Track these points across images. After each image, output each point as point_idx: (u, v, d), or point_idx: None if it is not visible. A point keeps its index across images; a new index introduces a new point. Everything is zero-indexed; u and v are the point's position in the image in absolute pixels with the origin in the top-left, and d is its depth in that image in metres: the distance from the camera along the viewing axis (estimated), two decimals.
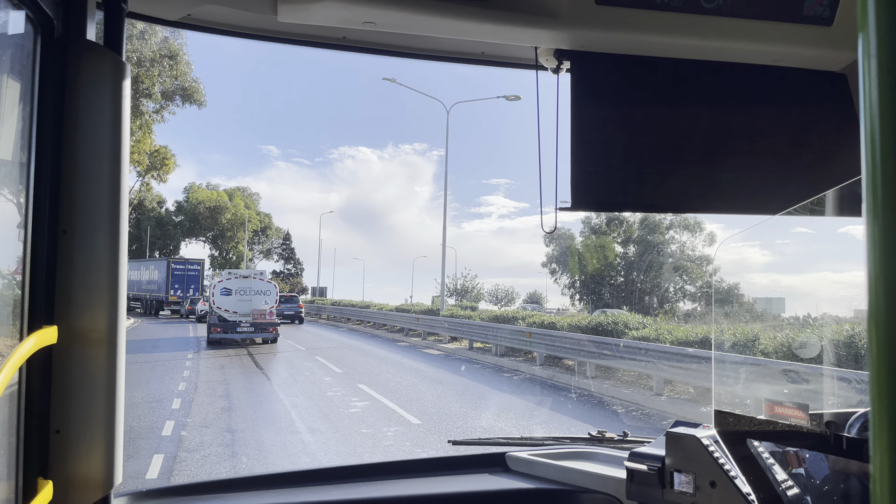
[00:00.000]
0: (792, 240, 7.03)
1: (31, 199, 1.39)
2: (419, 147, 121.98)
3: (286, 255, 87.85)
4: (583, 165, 1.89)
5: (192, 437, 10.45)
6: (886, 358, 0.42)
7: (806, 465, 1.83)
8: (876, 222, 0.42)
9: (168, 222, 78.60)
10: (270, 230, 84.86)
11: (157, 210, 78.68)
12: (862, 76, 0.44)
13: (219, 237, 79.46)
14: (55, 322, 1.39)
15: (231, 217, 77.95)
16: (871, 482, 0.43)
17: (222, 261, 78.20)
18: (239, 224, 78.22)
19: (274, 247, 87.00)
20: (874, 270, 0.42)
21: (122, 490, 1.95)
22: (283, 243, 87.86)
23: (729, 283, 4.77)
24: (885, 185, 0.42)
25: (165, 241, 77.86)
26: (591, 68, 1.95)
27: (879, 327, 0.42)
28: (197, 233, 79.28)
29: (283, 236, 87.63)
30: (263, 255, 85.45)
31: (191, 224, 78.53)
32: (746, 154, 2.04)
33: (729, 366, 2.87)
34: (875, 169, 0.43)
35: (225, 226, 78.10)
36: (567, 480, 2.39)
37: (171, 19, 1.80)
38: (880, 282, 0.42)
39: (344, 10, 1.72)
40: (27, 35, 1.38)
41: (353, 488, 2.32)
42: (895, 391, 0.41)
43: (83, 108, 1.44)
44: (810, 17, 1.92)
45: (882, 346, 0.42)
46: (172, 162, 64.89)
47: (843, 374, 2.33)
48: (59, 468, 1.39)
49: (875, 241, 0.42)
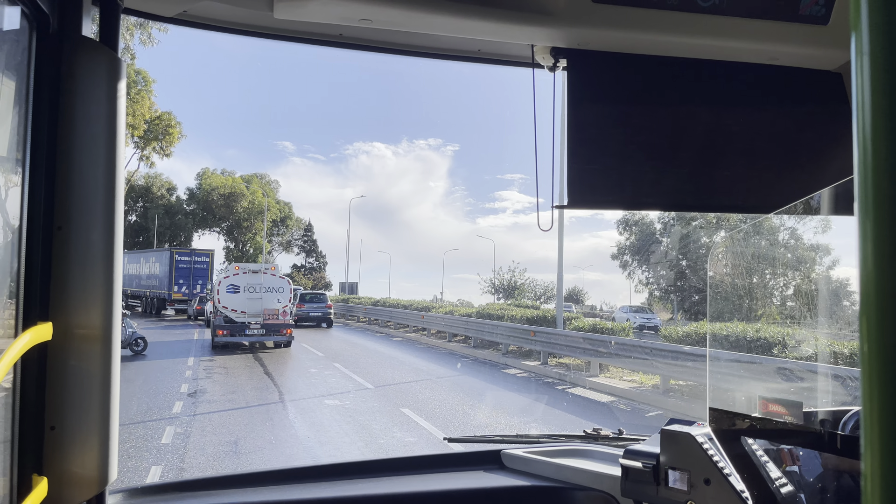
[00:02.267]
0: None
1: (26, 195, 1.51)
2: (433, 142, 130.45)
3: (308, 248, 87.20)
4: (579, 163, 2.03)
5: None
6: (878, 355, 0.45)
7: (800, 462, 1.96)
8: (868, 220, 0.46)
9: (179, 211, 77.45)
10: (290, 220, 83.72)
11: (167, 197, 77.66)
12: (855, 75, 0.47)
13: (234, 228, 78.16)
14: (50, 318, 1.52)
15: (248, 205, 76.57)
16: (862, 480, 0.46)
17: (238, 253, 77.15)
18: (257, 213, 76.87)
19: (294, 238, 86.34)
20: (866, 268, 0.46)
21: (116, 487, 2.10)
22: (304, 235, 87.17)
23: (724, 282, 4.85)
24: (877, 183, 0.46)
25: (175, 231, 76.37)
26: (587, 66, 2.08)
27: (871, 324, 0.45)
28: (211, 223, 78.03)
29: (304, 227, 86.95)
30: (283, 247, 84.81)
31: (204, 213, 77.37)
32: (742, 152, 2.18)
33: (724, 363, 2.97)
34: (867, 167, 0.46)
35: (241, 215, 76.78)
36: (562, 478, 2.55)
37: (167, 15, 1.94)
38: (872, 279, 0.45)
39: (340, 7, 1.85)
40: (23, 31, 1.51)
41: (349, 485, 2.47)
42: (886, 388, 0.45)
43: (79, 105, 1.56)
44: (806, 16, 2.05)
45: (874, 344, 0.45)
46: (177, 131, 60.04)
47: (837, 371, 2.44)
48: (53, 464, 1.52)
49: (867, 239, 0.46)
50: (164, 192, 77.87)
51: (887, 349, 0.45)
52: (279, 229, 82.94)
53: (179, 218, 77.02)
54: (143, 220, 76.20)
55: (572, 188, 2.02)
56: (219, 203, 76.49)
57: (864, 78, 0.47)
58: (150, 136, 59.20)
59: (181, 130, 61.18)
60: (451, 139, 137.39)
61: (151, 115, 57.36)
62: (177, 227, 76.66)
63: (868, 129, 0.46)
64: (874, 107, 0.46)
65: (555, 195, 2.07)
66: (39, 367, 1.51)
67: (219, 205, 76.49)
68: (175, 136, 60.28)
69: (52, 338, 1.52)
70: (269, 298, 27.18)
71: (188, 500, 2.27)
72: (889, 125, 0.46)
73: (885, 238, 0.45)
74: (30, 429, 1.50)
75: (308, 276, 79.10)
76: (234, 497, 2.32)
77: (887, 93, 0.46)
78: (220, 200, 76.44)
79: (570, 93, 2.06)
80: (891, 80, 0.46)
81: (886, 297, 0.45)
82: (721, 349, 9.15)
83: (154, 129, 59.22)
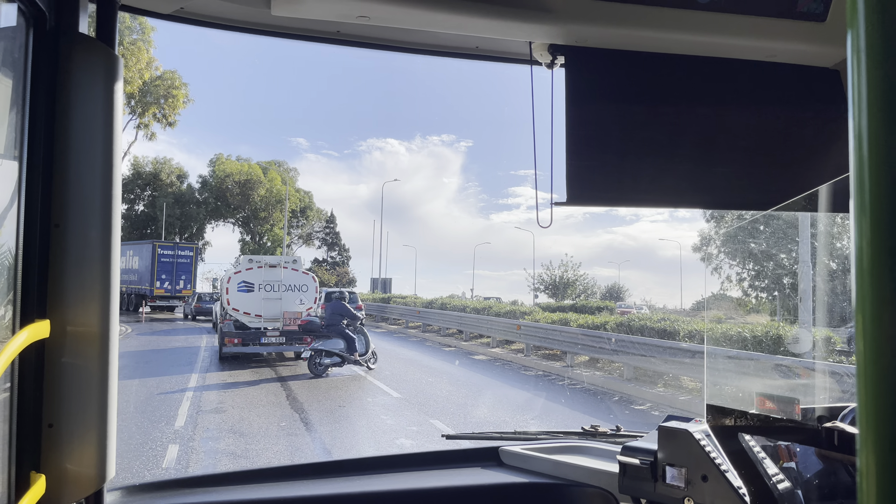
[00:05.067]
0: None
1: (23, 192, 1.67)
2: (447, 138, 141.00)
3: (330, 241, 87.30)
4: (578, 160, 2.21)
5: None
6: (873, 351, 0.50)
7: (797, 459, 2.15)
8: (864, 217, 0.50)
9: (190, 200, 76.71)
10: (311, 211, 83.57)
11: (177, 185, 76.75)
12: (851, 72, 0.52)
13: (251, 218, 77.67)
14: (47, 316, 1.68)
15: (265, 194, 76.03)
16: (857, 476, 0.51)
17: (255, 246, 76.35)
18: (275, 202, 76.34)
19: (315, 231, 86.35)
20: (861, 265, 0.51)
21: (115, 484, 2.29)
22: (325, 226, 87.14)
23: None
24: (873, 180, 0.50)
25: (186, 222, 75.92)
26: (584, 63, 2.25)
27: (867, 322, 0.50)
28: (225, 213, 77.51)
29: (325, 219, 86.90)
30: (303, 240, 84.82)
31: (217, 202, 76.61)
32: (740, 149, 2.35)
33: (720, 360, 3.11)
34: (862, 164, 0.51)
35: (258, 204, 76.10)
36: (560, 474, 2.76)
37: (164, 12, 2.12)
38: (868, 276, 0.50)
39: (338, 4, 2.01)
40: (19, 28, 1.68)
41: (347, 482, 2.69)
42: (882, 385, 0.49)
43: (75, 102, 1.73)
44: (804, 13, 2.20)
45: (869, 340, 0.50)
46: (182, 94, 55.33)
47: (834, 368, 2.58)
48: (51, 462, 1.68)
49: (862, 236, 0.51)
50: (175, 180, 77.31)
51: (883, 346, 0.49)
52: (299, 221, 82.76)
53: (191, 207, 76.39)
54: (150, 209, 75.47)
55: (571, 185, 2.20)
56: (234, 191, 75.78)
57: (860, 75, 0.51)
58: (148, 99, 54.27)
59: (187, 93, 57.30)
60: (465, 135, 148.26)
61: (150, 72, 52.18)
62: (187, 218, 76.08)
63: (864, 126, 0.51)
64: (870, 104, 0.51)
65: (554, 192, 2.23)
66: (37, 364, 1.67)
67: (234, 193, 75.83)
68: (179, 99, 56.48)
69: (50, 335, 1.67)
70: (290, 299, 24.19)
71: (187, 497, 2.46)
72: (884, 122, 0.50)
73: (881, 235, 0.50)
74: (27, 426, 1.66)
75: (331, 270, 78.57)
76: (233, 494, 2.51)
77: (883, 90, 0.50)
78: (236, 188, 75.69)
79: (568, 90, 2.23)
80: (886, 78, 0.50)
81: (882, 294, 0.50)
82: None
83: (154, 92, 54.45)
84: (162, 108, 56.39)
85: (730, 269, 52.78)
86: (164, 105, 56.09)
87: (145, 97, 54.60)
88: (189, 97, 56.62)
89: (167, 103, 56.07)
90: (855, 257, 0.51)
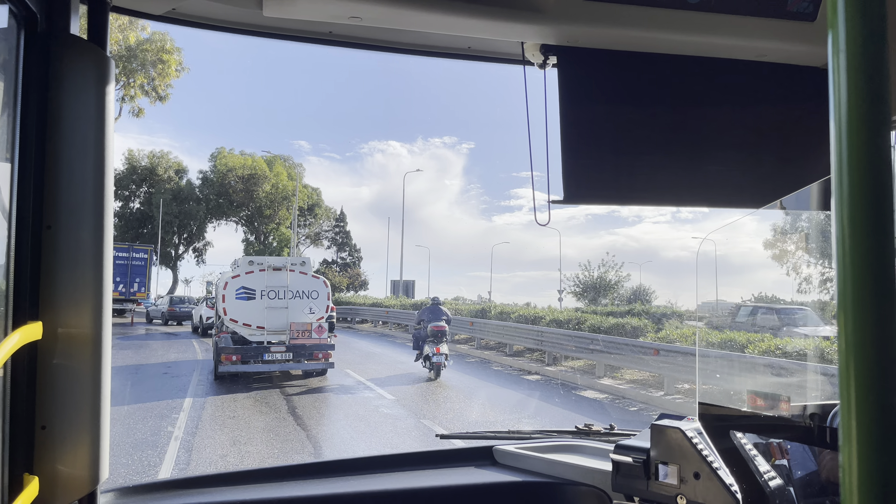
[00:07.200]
0: None
1: (14, 194, 1.79)
2: (448, 140, 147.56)
3: (340, 241, 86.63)
4: (573, 159, 2.37)
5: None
6: (854, 349, 0.54)
7: (789, 456, 2.32)
8: (844, 215, 0.55)
9: (189, 196, 75.70)
10: (319, 209, 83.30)
11: (175, 180, 75.72)
12: (831, 72, 0.57)
13: (255, 216, 76.84)
14: (40, 318, 1.79)
15: (271, 189, 75.19)
16: (840, 471, 0.55)
17: (260, 247, 75.17)
18: (281, 199, 75.35)
19: (324, 230, 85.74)
20: (843, 263, 0.55)
21: (108, 486, 2.41)
22: (335, 225, 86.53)
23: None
24: (851, 179, 0.55)
25: (185, 220, 75.57)
26: (576, 63, 2.40)
27: (848, 319, 0.54)
28: (227, 211, 76.78)
29: (335, 217, 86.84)
30: (311, 239, 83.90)
31: (219, 199, 75.47)
32: (732, 148, 2.51)
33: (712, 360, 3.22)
34: (842, 163, 0.55)
35: (263, 202, 75.14)
36: (553, 473, 2.94)
37: (156, 14, 2.25)
38: (849, 274, 0.54)
39: (330, 4, 2.15)
40: (10, 30, 1.79)
41: (341, 482, 2.85)
42: (863, 382, 0.53)
43: (67, 103, 1.85)
44: (793, 13, 2.35)
45: (850, 338, 0.54)
46: (175, 60, 49.19)
47: (824, 367, 2.73)
48: (44, 464, 1.79)
49: (843, 235, 0.55)
50: (172, 175, 76.51)
51: (864, 344, 0.53)
52: (306, 219, 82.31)
53: (190, 205, 75.14)
54: (146, 207, 74.70)
55: (568, 184, 2.35)
56: (237, 187, 74.80)
57: (840, 75, 0.56)
58: (134, 66, 48.96)
59: (181, 60, 51.44)
60: (466, 137, 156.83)
61: (135, 34, 47.21)
62: (186, 216, 75.36)
63: (844, 126, 0.55)
64: (849, 105, 0.55)
65: (552, 191, 2.37)
66: (29, 366, 1.79)
67: (236, 189, 74.95)
68: (171, 66, 50.10)
69: (42, 337, 1.78)
70: (298, 307, 21.76)
71: (181, 498, 2.59)
72: (863, 123, 0.54)
73: (861, 234, 0.54)
74: (20, 428, 1.77)
75: (342, 273, 77.68)
76: (226, 495, 2.65)
77: (862, 91, 0.55)
78: (239, 184, 74.84)
79: (561, 89, 2.38)
80: (865, 78, 0.55)
81: (863, 293, 0.54)
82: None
83: (141, 57, 49.21)
84: (150, 78, 50.88)
85: (812, 269, 52.44)
86: (154, 73, 50.53)
87: (130, 63, 49.28)
88: (183, 65, 52.41)
89: (157, 71, 50.23)
90: (837, 256, 0.55)
